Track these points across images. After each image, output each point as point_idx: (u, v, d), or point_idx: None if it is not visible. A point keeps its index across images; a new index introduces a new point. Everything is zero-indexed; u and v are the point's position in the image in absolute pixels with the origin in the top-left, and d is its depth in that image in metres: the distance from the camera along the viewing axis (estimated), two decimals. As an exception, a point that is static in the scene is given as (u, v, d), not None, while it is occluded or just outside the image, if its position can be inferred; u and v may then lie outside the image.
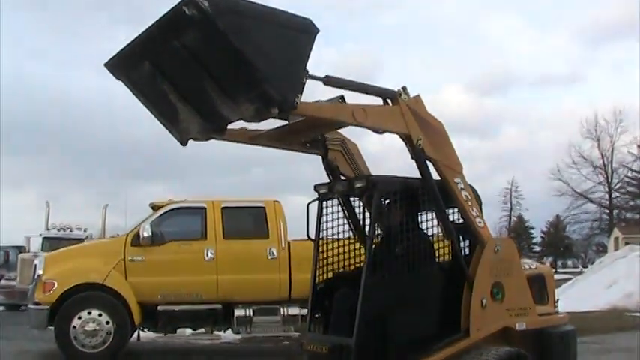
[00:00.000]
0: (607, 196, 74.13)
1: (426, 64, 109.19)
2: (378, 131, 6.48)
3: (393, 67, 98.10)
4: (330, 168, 7.40)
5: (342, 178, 7.57)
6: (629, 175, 73.78)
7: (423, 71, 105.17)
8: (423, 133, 6.50)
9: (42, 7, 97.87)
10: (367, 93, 6.39)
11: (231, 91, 5.41)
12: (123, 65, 5.91)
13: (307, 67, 5.51)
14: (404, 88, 6.48)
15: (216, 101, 5.47)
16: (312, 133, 6.90)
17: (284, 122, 6.12)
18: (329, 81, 5.97)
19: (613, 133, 72.53)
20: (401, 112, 6.39)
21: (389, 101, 6.45)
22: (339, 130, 7.59)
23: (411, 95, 6.52)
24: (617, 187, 74.21)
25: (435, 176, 6.71)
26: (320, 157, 7.31)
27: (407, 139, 6.49)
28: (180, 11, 5.00)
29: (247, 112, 5.45)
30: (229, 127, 5.86)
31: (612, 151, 72.93)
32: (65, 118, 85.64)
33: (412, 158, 6.55)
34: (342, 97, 6.39)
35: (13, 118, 66.43)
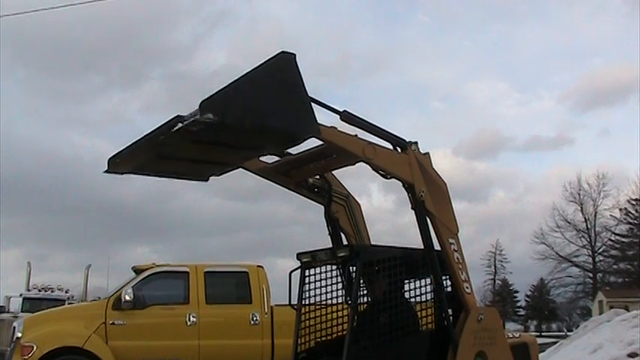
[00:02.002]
0: (591, 260, 74.32)
1: (414, 128, 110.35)
2: (386, 176, 6.59)
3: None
4: (331, 219, 7.46)
5: (341, 233, 7.64)
6: (612, 238, 74.13)
7: (411, 134, 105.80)
8: (426, 187, 6.65)
9: (37, 67, 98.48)
10: (379, 136, 6.58)
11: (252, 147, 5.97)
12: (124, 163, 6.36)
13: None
14: (415, 142, 6.71)
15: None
16: (318, 166, 7.07)
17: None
18: (346, 117, 6.19)
19: (596, 196, 73.19)
20: (409, 161, 6.57)
21: (399, 149, 6.59)
22: (344, 186, 7.76)
23: (422, 151, 6.76)
24: (600, 250, 74.47)
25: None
26: (322, 206, 7.40)
27: (410, 188, 6.64)
28: (184, 127, 5.26)
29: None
30: None
31: (595, 215, 73.45)
32: (52, 178, 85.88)
33: (412, 208, 6.68)
34: (356, 136, 6.52)
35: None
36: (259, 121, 5.37)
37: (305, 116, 5.58)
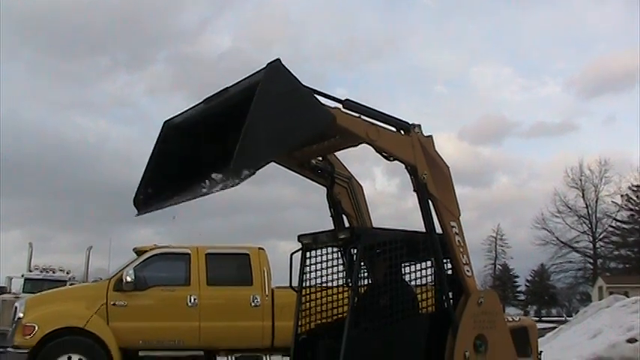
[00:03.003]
0: (591, 246, 74.37)
1: (418, 112, 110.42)
2: (389, 158, 6.64)
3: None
4: (333, 202, 7.48)
5: (343, 215, 7.66)
6: (613, 224, 74.17)
7: (415, 118, 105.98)
8: (428, 170, 6.67)
9: (44, 50, 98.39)
10: (383, 121, 6.58)
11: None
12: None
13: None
14: (419, 125, 6.73)
15: None
16: (322, 147, 7.11)
17: None
18: (348, 105, 6.22)
19: (597, 183, 73.12)
20: (412, 143, 6.60)
21: (402, 132, 6.60)
22: (347, 168, 7.79)
23: (425, 134, 6.78)
24: (601, 236, 74.49)
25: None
26: (325, 188, 7.41)
27: (412, 171, 6.65)
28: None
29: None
30: None
31: (597, 201, 73.41)
32: (56, 160, 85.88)
33: (414, 190, 6.69)
34: (360, 117, 6.55)
35: (2, 159, 66.39)
36: (285, 144, 5.68)
37: (317, 111, 5.79)
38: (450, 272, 7.00)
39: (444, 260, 6.91)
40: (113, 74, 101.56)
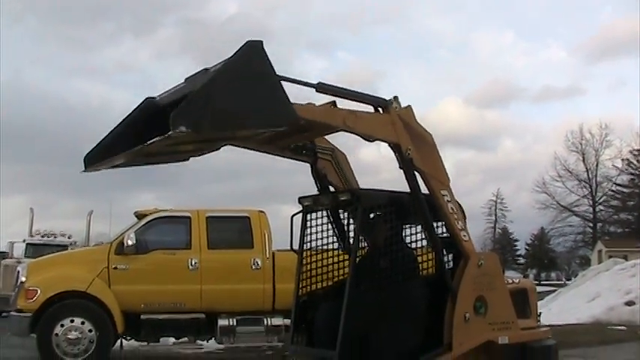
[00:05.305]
0: (591, 210, 74.53)
1: (424, 78, 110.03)
2: (369, 139, 6.47)
3: (392, 80, 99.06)
4: (319, 176, 7.42)
5: (330, 187, 7.60)
6: (614, 188, 74.29)
7: (421, 83, 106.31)
8: (412, 144, 6.52)
9: (48, 14, 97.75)
10: (359, 101, 6.43)
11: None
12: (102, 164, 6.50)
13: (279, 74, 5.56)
14: (395, 97, 6.53)
15: None
16: (301, 137, 6.91)
17: None
18: (322, 88, 6.04)
19: (598, 146, 73.07)
20: (392, 120, 6.42)
21: (380, 110, 6.48)
22: (328, 139, 7.64)
23: (403, 105, 6.57)
24: (601, 200, 74.65)
25: (423, 188, 6.75)
26: (309, 165, 7.33)
27: (396, 148, 6.52)
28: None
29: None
30: None
31: (597, 165, 73.46)
32: (59, 125, 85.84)
33: (400, 167, 6.58)
34: (334, 103, 6.41)
35: (3, 124, 66.28)
36: (234, 124, 5.31)
37: (279, 106, 5.44)
38: (447, 235, 6.99)
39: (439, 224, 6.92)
40: (118, 39, 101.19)
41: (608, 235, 73.42)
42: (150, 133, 5.73)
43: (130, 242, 12.13)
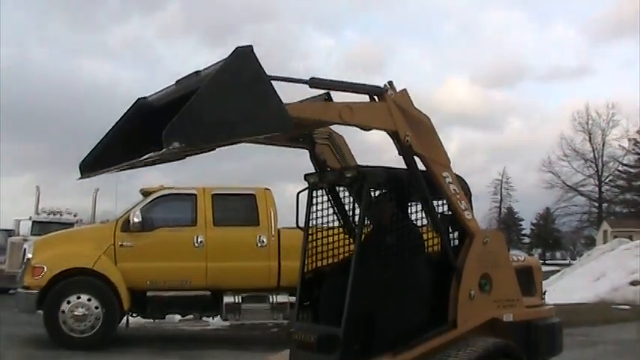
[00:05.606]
0: (597, 189, 74.48)
1: (430, 57, 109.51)
2: (365, 128, 6.42)
3: (398, 59, 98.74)
4: (318, 162, 7.38)
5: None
6: (620, 168, 74.30)
7: (427, 62, 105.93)
8: (410, 129, 6.43)
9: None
10: (353, 92, 6.32)
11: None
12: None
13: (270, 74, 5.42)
14: (390, 82, 6.40)
15: None
16: (297, 130, 6.87)
17: None
18: (314, 83, 5.94)
19: (605, 126, 72.89)
20: (388, 108, 6.33)
21: (376, 98, 6.42)
22: None
23: (397, 90, 6.50)
24: (607, 180, 74.61)
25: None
26: (307, 151, 7.31)
27: (394, 136, 6.44)
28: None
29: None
30: None
31: (603, 145, 73.34)
32: (66, 103, 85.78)
33: (399, 154, 6.52)
34: (328, 95, 6.36)
35: (11, 103, 66.27)
36: (227, 135, 5.24)
37: (273, 113, 5.34)
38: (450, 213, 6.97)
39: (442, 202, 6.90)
40: (125, 17, 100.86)
41: (613, 215, 73.42)
42: (144, 135, 5.80)
43: (135, 220, 12.19)
